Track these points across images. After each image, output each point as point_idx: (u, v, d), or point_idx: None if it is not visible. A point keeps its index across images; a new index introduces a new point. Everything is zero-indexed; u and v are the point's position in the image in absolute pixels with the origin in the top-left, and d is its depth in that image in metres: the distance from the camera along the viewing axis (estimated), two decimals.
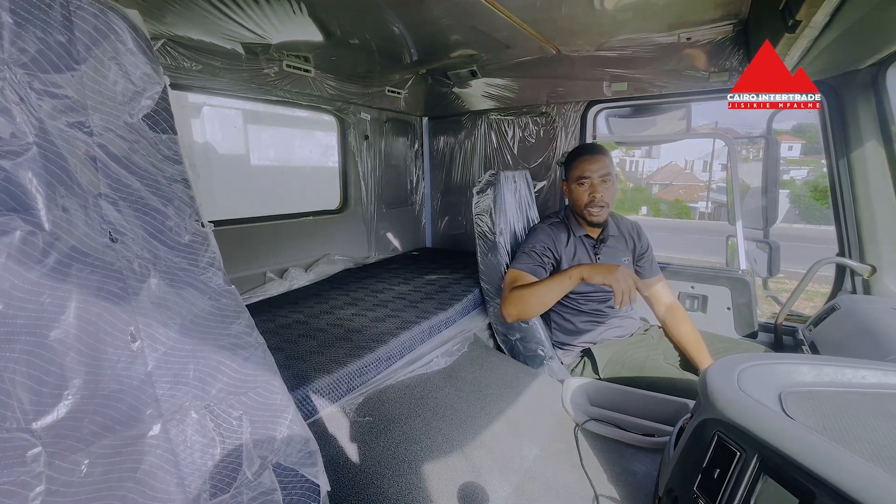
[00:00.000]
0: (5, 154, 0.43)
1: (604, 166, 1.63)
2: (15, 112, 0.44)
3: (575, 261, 1.72)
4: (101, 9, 0.49)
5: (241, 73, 1.72)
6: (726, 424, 0.85)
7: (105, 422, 0.56)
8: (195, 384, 0.63)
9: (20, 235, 0.45)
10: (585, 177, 1.64)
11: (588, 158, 1.65)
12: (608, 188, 1.65)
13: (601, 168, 1.63)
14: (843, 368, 0.98)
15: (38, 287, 0.47)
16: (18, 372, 0.47)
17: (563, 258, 1.72)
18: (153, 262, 0.58)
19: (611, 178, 1.65)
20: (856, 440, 0.77)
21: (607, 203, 1.66)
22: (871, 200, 1.70)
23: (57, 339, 0.50)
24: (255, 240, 1.99)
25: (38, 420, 0.48)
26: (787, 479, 0.70)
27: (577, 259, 1.72)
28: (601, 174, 1.63)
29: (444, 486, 1.09)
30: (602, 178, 1.63)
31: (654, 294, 1.79)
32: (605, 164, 1.63)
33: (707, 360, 1.59)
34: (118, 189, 0.55)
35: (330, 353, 1.31)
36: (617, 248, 1.78)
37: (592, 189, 1.64)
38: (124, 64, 0.52)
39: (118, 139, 0.53)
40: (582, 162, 1.65)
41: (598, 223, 1.70)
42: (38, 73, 0.46)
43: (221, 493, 0.64)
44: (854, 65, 1.60)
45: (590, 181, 1.64)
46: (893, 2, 1.01)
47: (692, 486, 0.87)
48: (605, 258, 1.74)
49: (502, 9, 1.55)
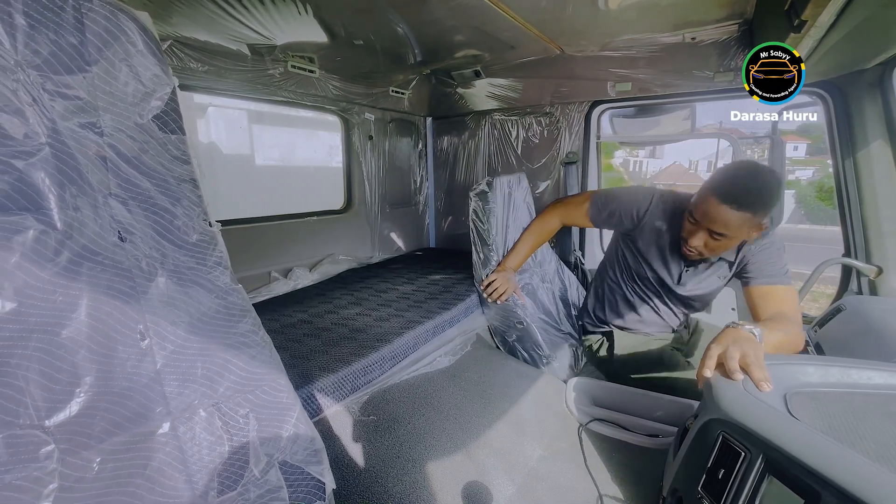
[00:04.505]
0: (19, 154, 0.44)
1: (724, 224, 1.25)
2: (28, 113, 0.44)
3: (653, 249, 1.58)
4: (112, 11, 0.50)
5: (246, 73, 1.73)
6: (731, 425, 0.85)
7: (115, 419, 0.56)
8: (203, 382, 0.64)
9: (33, 234, 0.45)
10: (697, 220, 1.33)
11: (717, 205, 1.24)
12: (714, 245, 1.33)
13: (722, 225, 1.26)
14: (849, 369, 0.98)
15: (51, 285, 0.48)
16: (32, 369, 0.48)
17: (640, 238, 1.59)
18: (161, 261, 0.59)
19: (726, 239, 1.29)
20: (861, 440, 0.77)
21: (714, 253, 1.39)
22: (878, 201, 1.69)
23: (69, 337, 0.50)
24: (259, 239, 2.00)
25: (51, 417, 0.49)
26: (792, 479, 0.70)
27: (658, 249, 1.57)
28: (717, 230, 1.28)
29: (448, 485, 1.10)
30: (713, 233, 1.30)
31: (752, 303, 1.40)
32: (726, 222, 1.25)
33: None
34: (128, 189, 0.55)
35: (334, 353, 1.31)
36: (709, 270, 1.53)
37: (696, 236, 1.34)
38: (134, 65, 0.53)
39: (128, 139, 0.54)
40: (710, 203, 1.26)
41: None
42: (51, 75, 0.46)
43: (229, 490, 0.65)
44: (860, 64, 1.59)
45: (700, 227, 1.33)
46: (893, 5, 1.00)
47: (697, 487, 0.87)
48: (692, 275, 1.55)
49: (506, 9, 1.55)
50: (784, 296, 1.34)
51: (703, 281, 1.56)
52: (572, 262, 2.35)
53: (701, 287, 1.58)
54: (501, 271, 1.76)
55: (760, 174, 1.26)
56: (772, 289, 1.35)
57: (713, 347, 0.99)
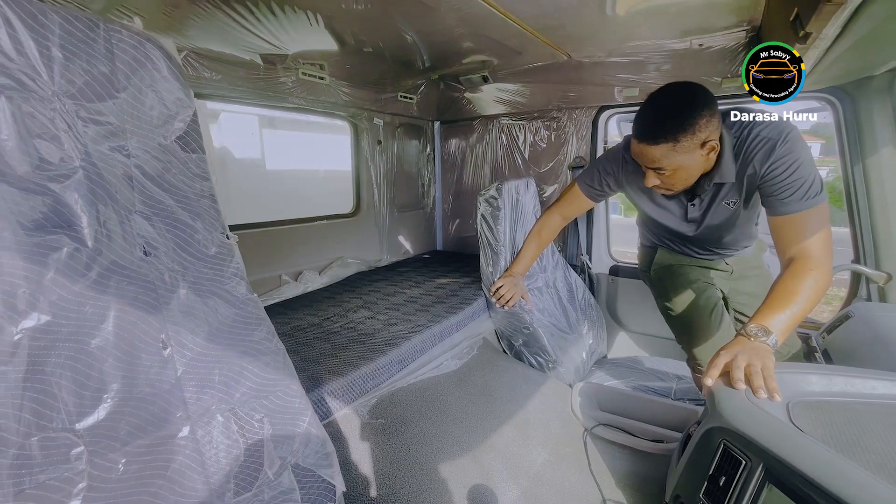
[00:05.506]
0: (55, 177, 0.47)
1: (652, 159, 1.23)
2: (63, 139, 0.48)
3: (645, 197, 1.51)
4: (140, 40, 0.53)
5: (258, 81, 1.77)
6: (733, 433, 0.86)
7: (139, 423, 0.60)
8: (220, 388, 0.67)
9: (67, 252, 0.49)
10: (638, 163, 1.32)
11: (638, 145, 1.25)
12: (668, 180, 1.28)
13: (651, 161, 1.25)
14: (853, 378, 0.99)
15: (82, 298, 0.51)
16: (64, 376, 0.51)
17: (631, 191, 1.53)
18: (182, 274, 0.62)
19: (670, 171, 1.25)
20: (862, 451, 0.78)
21: (673, 187, 1.32)
22: (887, 207, 1.68)
23: (97, 346, 0.54)
24: (270, 243, 2.04)
25: (81, 421, 0.52)
26: (791, 488, 0.71)
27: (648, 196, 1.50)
28: (654, 167, 1.26)
29: (455, 487, 1.12)
30: (655, 170, 1.27)
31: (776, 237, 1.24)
32: (653, 158, 1.23)
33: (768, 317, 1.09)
34: (152, 205, 0.59)
35: (344, 356, 1.34)
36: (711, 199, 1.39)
37: (647, 178, 1.31)
38: (159, 90, 0.56)
39: (153, 159, 0.57)
40: (634, 145, 1.27)
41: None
42: (84, 103, 0.50)
43: (244, 491, 0.68)
44: (869, 71, 1.59)
45: (644, 168, 1.31)
46: None
47: (698, 493, 0.88)
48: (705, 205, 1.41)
49: (514, 17, 1.57)
50: (802, 225, 1.17)
51: (713, 212, 1.42)
52: (579, 266, 2.36)
53: (714, 218, 1.44)
54: (509, 277, 1.78)
55: (663, 101, 1.21)
56: (786, 219, 1.20)
57: (721, 355, 1.01)
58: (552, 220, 1.83)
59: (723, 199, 1.38)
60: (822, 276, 1.12)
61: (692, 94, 1.18)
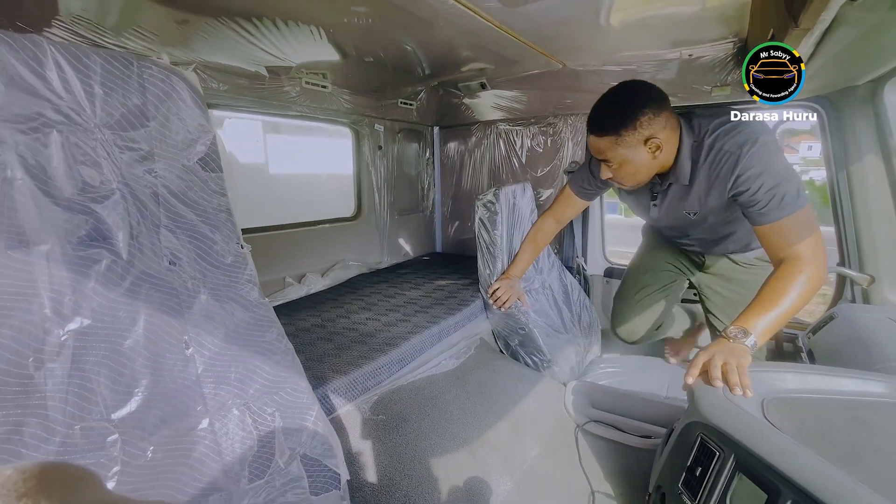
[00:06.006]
0: (96, 199, 0.54)
1: (598, 151, 1.29)
2: (103, 165, 0.54)
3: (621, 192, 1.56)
4: (167, 74, 0.60)
5: (263, 91, 1.84)
6: (709, 427, 0.92)
7: (164, 416, 0.66)
8: (236, 384, 0.74)
9: (105, 264, 0.55)
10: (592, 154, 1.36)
11: (589, 137, 1.30)
12: (617, 174, 1.32)
13: (598, 152, 1.30)
14: (824, 376, 1.05)
15: (116, 304, 0.58)
16: (101, 373, 0.58)
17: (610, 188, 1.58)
18: (202, 281, 0.69)
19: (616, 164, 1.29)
20: (828, 443, 0.84)
21: (623, 181, 1.35)
22: (870, 212, 1.74)
23: (129, 346, 0.60)
24: (274, 246, 2.10)
25: (116, 412, 0.59)
26: (757, 476, 0.78)
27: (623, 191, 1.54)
28: (602, 158, 1.31)
29: (451, 480, 1.19)
30: (604, 162, 1.31)
31: (763, 245, 1.25)
32: (599, 149, 1.28)
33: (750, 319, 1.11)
34: (176, 220, 0.65)
35: (346, 356, 1.41)
36: (684, 194, 1.37)
37: (601, 170, 1.35)
38: (184, 118, 0.63)
39: (177, 179, 0.64)
40: (587, 137, 1.33)
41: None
42: (120, 132, 0.56)
43: (257, 478, 0.75)
44: (851, 81, 1.65)
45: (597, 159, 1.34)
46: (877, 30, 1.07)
47: (678, 483, 0.95)
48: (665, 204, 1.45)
49: (510, 31, 1.64)
50: (786, 232, 1.16)
51: (672, 213, 1.46)
52: (574, 268, 2.42)
53: (676, 220, 1.50)
54: (505, 279, 1.84)
55: (611, 96, 1.25)
56: (767, 229, 1.19)
57: (701, 355, 1.07)
58: (547, 225, 1.88)
59: (681, 201, 1.39)
60: (813, 274, 1.11)
61: (636, 91, 1.23)
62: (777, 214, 1.16)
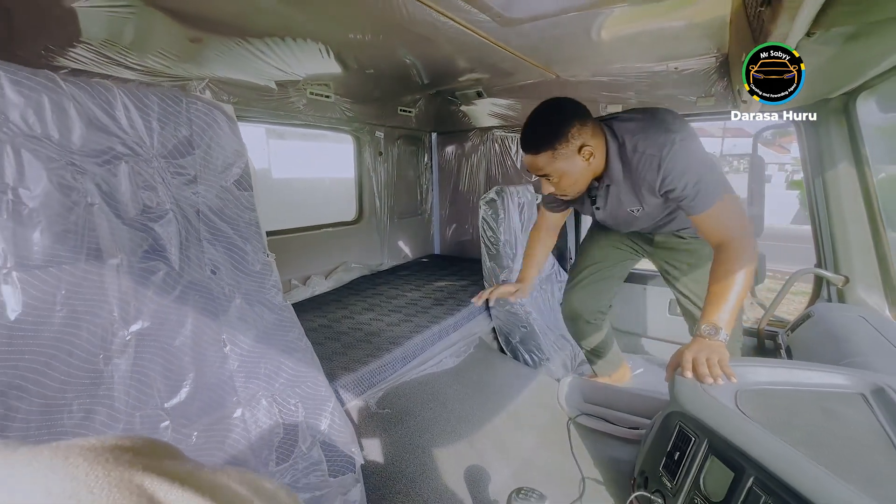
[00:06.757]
0: (154, 218, 0.63)
1: (538, 168, 1.32)
2: (159, 189, 0.63)
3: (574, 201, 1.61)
4: (209, 107, 0.69)
5: (271, 102, 1.92)
6: (686, 416, 1.03)
7: (204, 405, 0.75)
8: (264, 378, 0.83)
9: (161, 275, 0.64)
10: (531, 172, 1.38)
11: (525, 156, 1.34)
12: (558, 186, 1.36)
13: (537, 170, 1.33)
14: (794, 370, 1.16)
15: (168, 309, 0.67)
16: (155, 368, 0.67)
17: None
18: (237, 287, 0.78)
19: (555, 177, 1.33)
20: (792, 429, 0.95)
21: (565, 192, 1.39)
22: (844, 216, 1.85)
23: (178, 345, 0.69)
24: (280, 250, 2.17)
25: (168, 401, 0.68)
26: (727, 458, 0.88)
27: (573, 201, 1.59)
28: (541, 174, 1.34)
29: (452, 468, 1.28)
30: (544, 177, 1.35)
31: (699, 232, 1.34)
32: (539, 167, 1.31)
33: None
34: (215, 234, 0.74)
35: (353, 354, 1.50)
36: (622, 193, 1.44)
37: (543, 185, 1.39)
38: (222, 145, 0.72)
39: (216, 198, 0.73)
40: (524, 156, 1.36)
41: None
42: (172, 160, 0.65)
43: (283, 462, 0.84)
44: (827, 94, 1.76)
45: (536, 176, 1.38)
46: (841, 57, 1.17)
47: (659, 467, 1.05)
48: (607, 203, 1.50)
49: (505, 46, 1.74)
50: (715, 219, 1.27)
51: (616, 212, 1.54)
52: (568, 267, 2.53)
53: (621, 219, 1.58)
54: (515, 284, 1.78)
55: (538, 116, 1.30)
56: (698, 219, 1.29)
57: (681, 353, 1.18)
58: (540, 238, 1.82)
59: (621, 201, 1.47)
60: (748, 253, 1.21)
61: (560, 106, 1.29)
62: (704, 205, 1.26)
